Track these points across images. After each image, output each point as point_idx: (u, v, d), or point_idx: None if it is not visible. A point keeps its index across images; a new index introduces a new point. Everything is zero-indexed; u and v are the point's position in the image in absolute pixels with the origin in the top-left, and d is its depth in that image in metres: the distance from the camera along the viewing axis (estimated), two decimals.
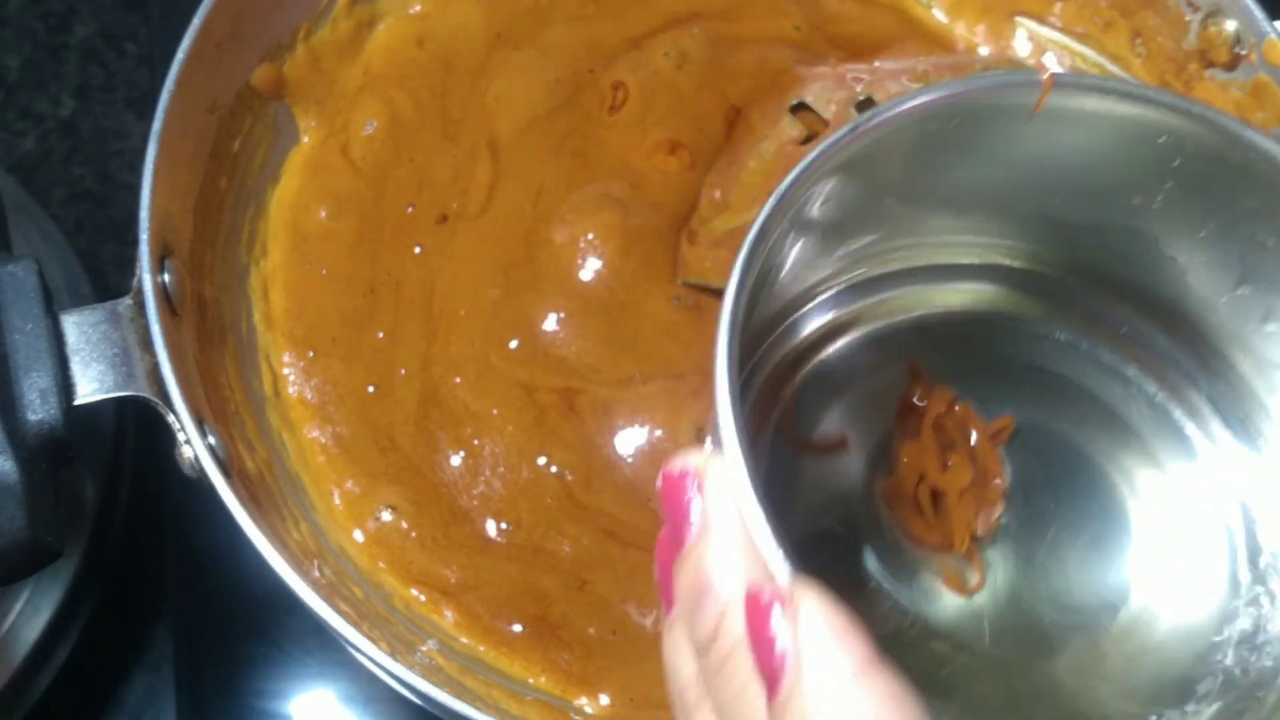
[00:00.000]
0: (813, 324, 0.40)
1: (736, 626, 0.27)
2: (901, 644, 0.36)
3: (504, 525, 0.44)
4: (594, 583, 0.44)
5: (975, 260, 0.40)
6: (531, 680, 0.43)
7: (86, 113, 0.66)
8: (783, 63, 0.50)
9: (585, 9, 0.51)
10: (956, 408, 0.38)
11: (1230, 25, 0.43)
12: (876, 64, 0.50)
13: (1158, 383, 0.39)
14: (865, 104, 0.47)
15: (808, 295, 0.39)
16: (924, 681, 0.35)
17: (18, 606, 0.50)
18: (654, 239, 0.47)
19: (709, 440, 0.31)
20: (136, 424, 0.57)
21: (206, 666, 0.54)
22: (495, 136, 0.49)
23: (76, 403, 0.39)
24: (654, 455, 0.45)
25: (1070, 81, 0.33)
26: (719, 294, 0.46)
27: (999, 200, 0.38)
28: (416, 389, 0.46)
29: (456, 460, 0.45)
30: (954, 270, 0.40)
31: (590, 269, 0.47)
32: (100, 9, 0.68)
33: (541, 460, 0.45)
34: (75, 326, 0.40)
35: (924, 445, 0.38)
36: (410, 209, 0.48)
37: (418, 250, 0.48)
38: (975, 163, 0.36)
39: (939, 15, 0.53)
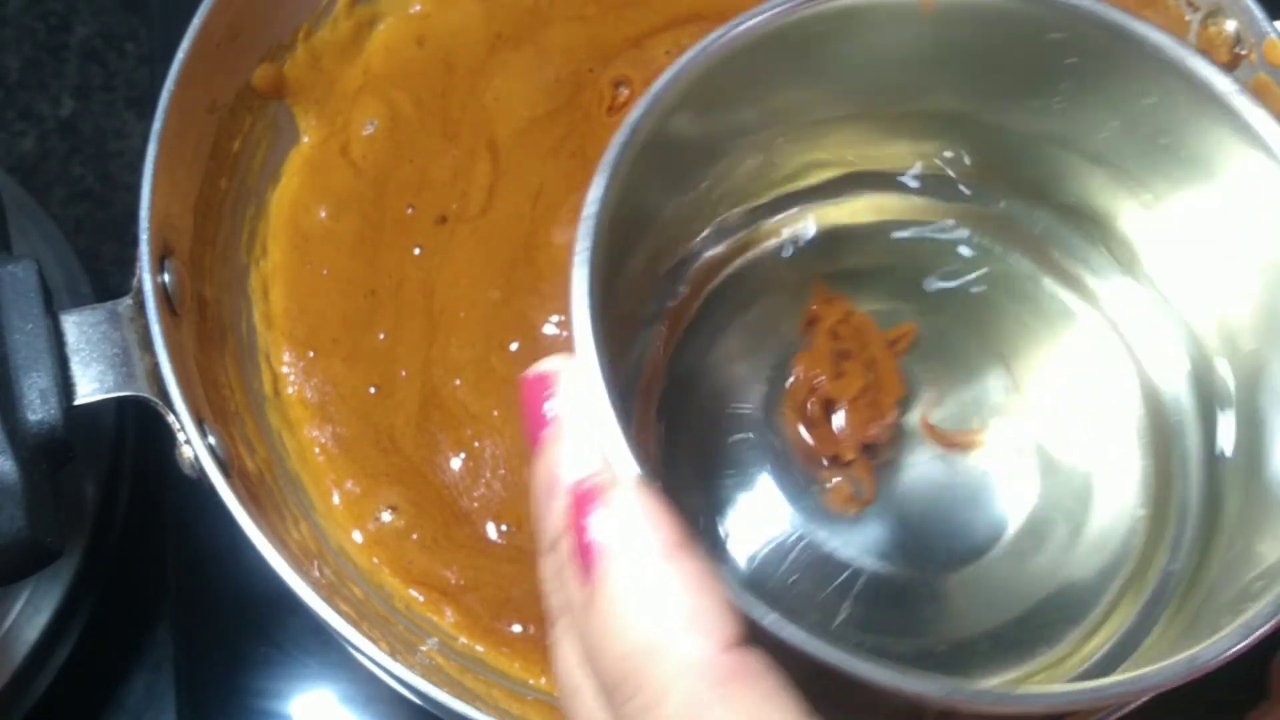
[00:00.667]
0: (717, 244, 0.39)
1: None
2: (792, 561, 0.36)
3: (504, 527, 0.44)
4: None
5: (875, 168, 0.39)
6: (531, 681, 0.43)
7: (86, 113, 0.66)
8: None
9: (586, 9, 0.51)
10: (853, 319, 0.37)
11: (1230, 25, 0.43)
12: None
13: (1068, 287, 0.39)
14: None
15: (707, 215, 0.39)
16: (811, 599, 0.35)
17: (18, 606, 0.50)
18: None
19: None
20: (136, 424, 0.57)
21: (206, 666, 0.54)
22: (495, 137, 0.49)
23: (76, 403, 0.39)
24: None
25: None
26: None
27: (896, 105, 0.37)
28: (417, 390, 0.46)
29: (457, 462, 0.45)
30: (856, 181, 0.39)
31: None
32: (100, 9, 0.68)
33: None
34: (75, 326, 0.40)
35: (817, 354, 0.37)
36: (410, 210, 0.48)
37: (417, 251, 0.48)
38: (870, 66, 0.35)
39: None
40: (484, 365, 0.46)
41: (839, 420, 0.37)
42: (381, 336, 0.47)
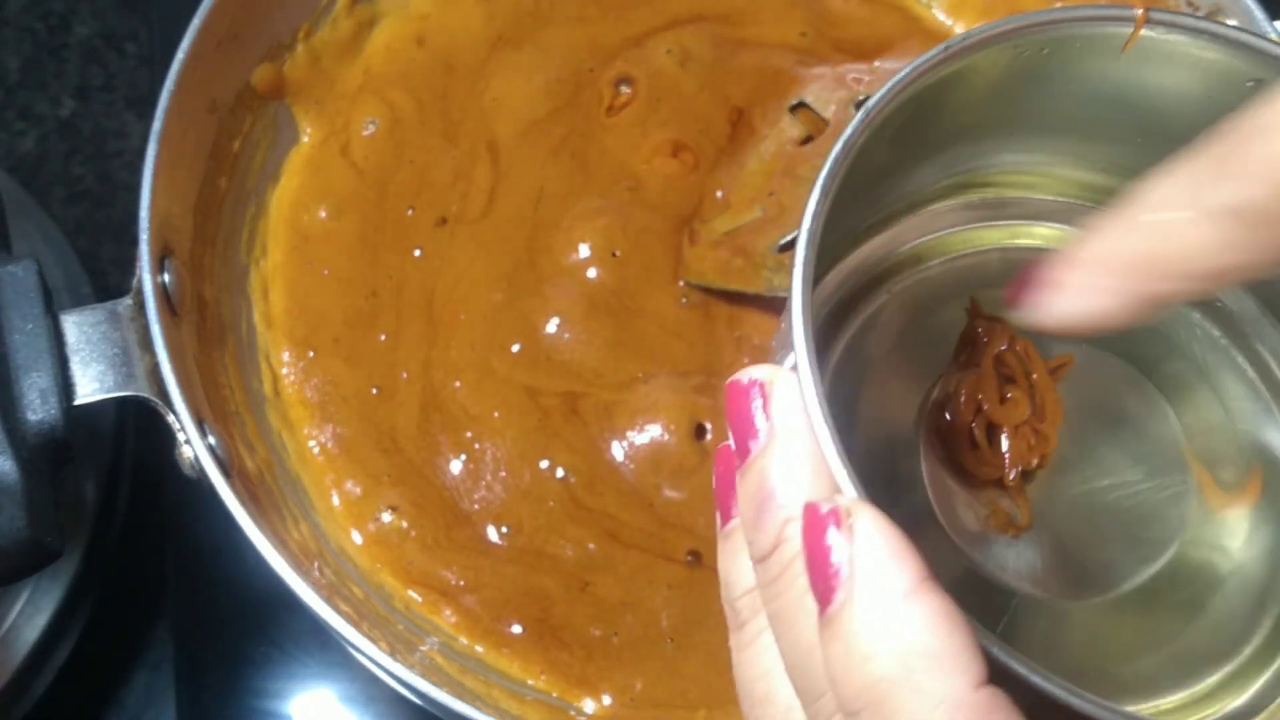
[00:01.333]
0: (885, 251, 0.39)
1: (797, 537, 0.27)
2: (948, 584, 0.36)
3: (504, 529, 0.44)
4: (596, 585, 0.44)
5: (1044, 197, 0.39)
6: (531, 681, 0.43)
7: (86, 113, 0.66)
8: (784, 63, 0.50)
9: (587, 10, 0.51)
10: (1017, 344, 0.38)
11: (1231, 25, 0.43)
12: (876, 64, 0.50)
13: (1220, 327, 0.39)
14: (865, 103, 0.47)
15: (882, 223, 0.39)
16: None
17: (18, 606, 0.50)
18: (655, 241, 0.47)
19: (775, 356, 0.31)
20: (136, 424, 0.57)
21: (206, 666, 0.54)
22: (495, 138, 0.49)
23: (76, 403, 0.39)
24: (657, 455, 0.45)
25: (1164, 19, 0.32)
26: (721, 294, 0.47)
27: (1079, 138, 0.37)
28: (418, 392, 0.46)
29: (458, 463, 0.45)
30: (1025, 206, 0.39)
31: (592, 273, 0.47)
32: (100, 9, 0.68)
33: (544, 464, 0.45)
34: (75, 326, 0.40)
35: (984, 378, 0.37)
36: (410, 211, 0.48)
37: (417, 253, 0.48)
38: (1060, 97, 0.35)
39: (940, 15, 0.53)
40: (484, 367, 0.46)
41: (1003, 444, 0.37)
42: (383, 338, 0.47)
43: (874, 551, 0.26)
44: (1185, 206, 0.26)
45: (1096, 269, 0.28)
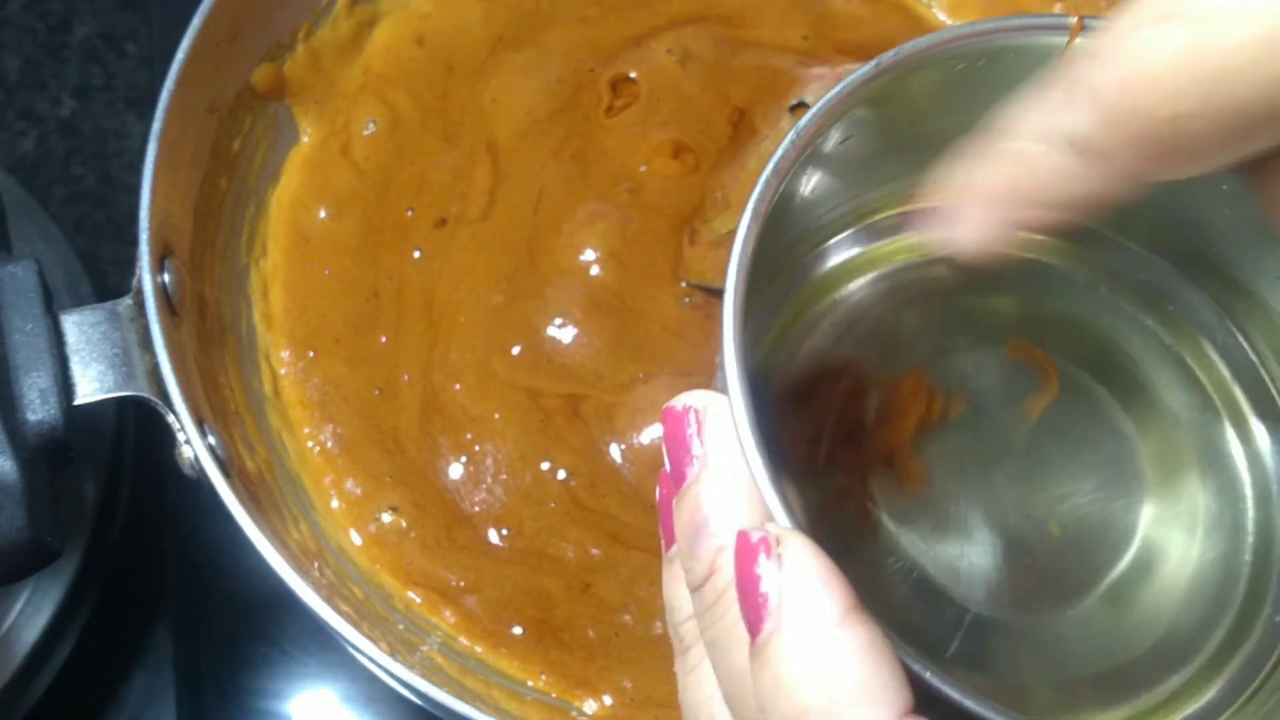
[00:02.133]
0: (827, 264, 0.39)
1: (729, 566, 0.27)
2: (902, 596, 0.36)
3: (505, 531, 0.44)
4: (597, 586, 0.44)
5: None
6: (531, 682, 0.43)
7: (86, 113, 0.66)
8: (784, 64, 0.50)
9: (587, 10, 0.51)
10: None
11: None
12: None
13: (1173, 334, 0.39)
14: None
15: (822, 236, 0.39)
16: (919, 632, 0.35)
17: (18, 606, 0.50)
18: (656, 242, 0.47)
19: (717, 378, 0.31)
20: (136, 424, 0.57)
21: (206, 666, 0.54)
22: (494, 139, 0.49)
23: (76, 403, 0.39)
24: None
25: (1098, 26, 0.32)
26: (721, 294, 0.47)
27: None
28: (419, 394, 0.46)
29: (459, 465, 0.45)
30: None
31: (594, 275, 0.47)
32: (100, 9, 0.68)
33: (545, 465, 0.45)
34: (75, 326, 0.40)
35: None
36: (410, 212, 0.48)
37: (417, 255, 0.48)
38: (999, 105, 0.35)
39: (941, 15, 0.53)
40: (485, 369, 0.46)
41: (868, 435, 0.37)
42: (384, 339, 0.47)
43: (803, 580, 0.26)
44: (1037, 136, 0.27)
45: (969, 198, 0.28)
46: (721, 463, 0.28)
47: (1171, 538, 0.37)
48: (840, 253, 0.39)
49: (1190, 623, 0.36)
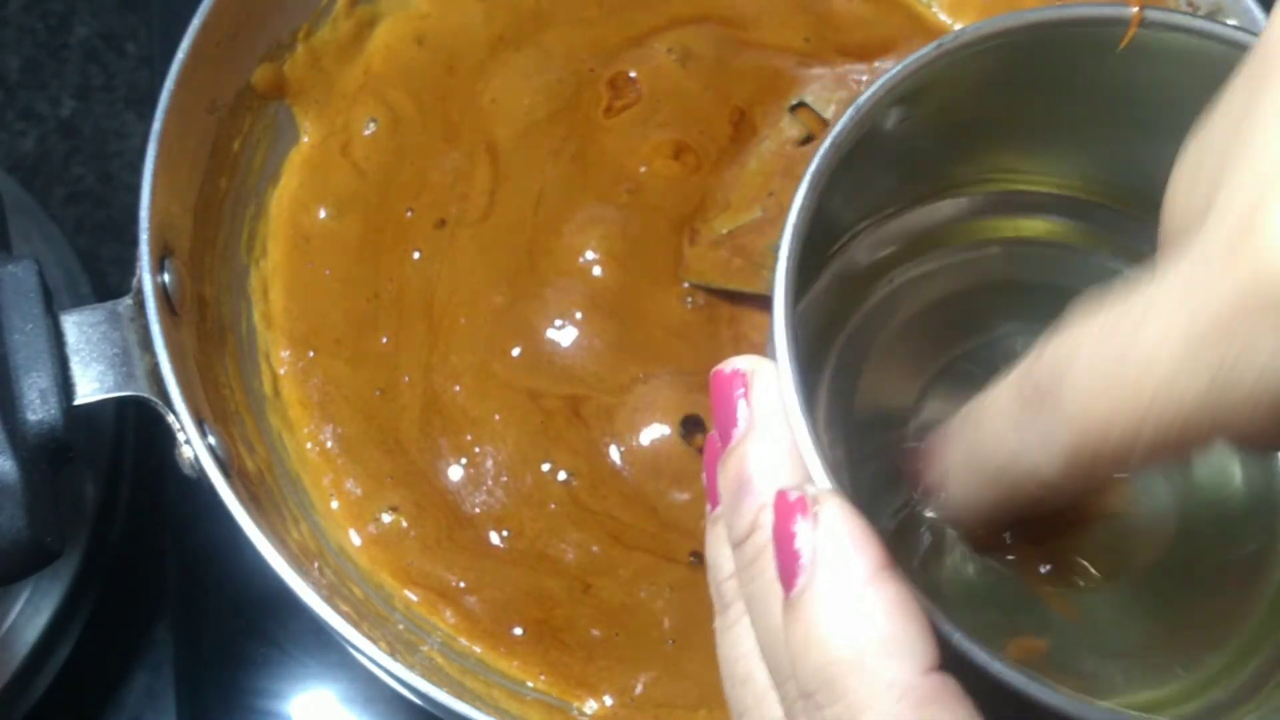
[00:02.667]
0: (884, 244, 0.39)
1: (769, 524, 0.28)
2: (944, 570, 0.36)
3: (506, 532, 0.44)
4: (598, 587, 0.44)
5: (1039, 189, 0.39)
6: (531, 682, 0.43)
7: (86, 113, 0.66)
8: (785, 64, 0.50)
9: (588, 12, 0.51)
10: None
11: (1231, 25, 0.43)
12: (876, 64, 0.50)
13: None
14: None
15: (872, 215, 0.39)
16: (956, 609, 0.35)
17: (18, 606, 0.50)
18: (656, 242, 0.47)
19: (767, 348, 0.31)
20: (136, 424, 0.57)
21: (206, 666, 0.54)
22: (494, 139, 0.49)
23: (76, 403, 0.39)
24: (658, 455, 0.45)
25: (1159, 19, 0.32)
26: (721, 294, 0.47)
27: (1076, 133, 0.37)
28: (419, 395, 0.46)
29: (459, 466, 0.45)
30: (1019, 200, 0.39)
31: (594, 276, 0.47)
32: (100, 9, 0.68)
33: (546, 467, 0.45)
34: (75, 326, 0.40)
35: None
36: (409, 213, 0.48)
37: (417, 256, 0.48)
38: (1056, 94, 0.35)
39: (942, 16, 0.53)
40: (485, 371, 0.46)
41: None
42: (384, 340, 0.47)
43: (836, 539, 0.27)
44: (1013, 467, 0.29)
45: (957, 488, 0.31)
46: (767, 424, 0.29)
47: (1209, 516, 0.37)
48: (886, 239, 0.39)
49: (1226, 608, 0.36)
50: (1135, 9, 0.33)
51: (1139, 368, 0.24)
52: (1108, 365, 0.25)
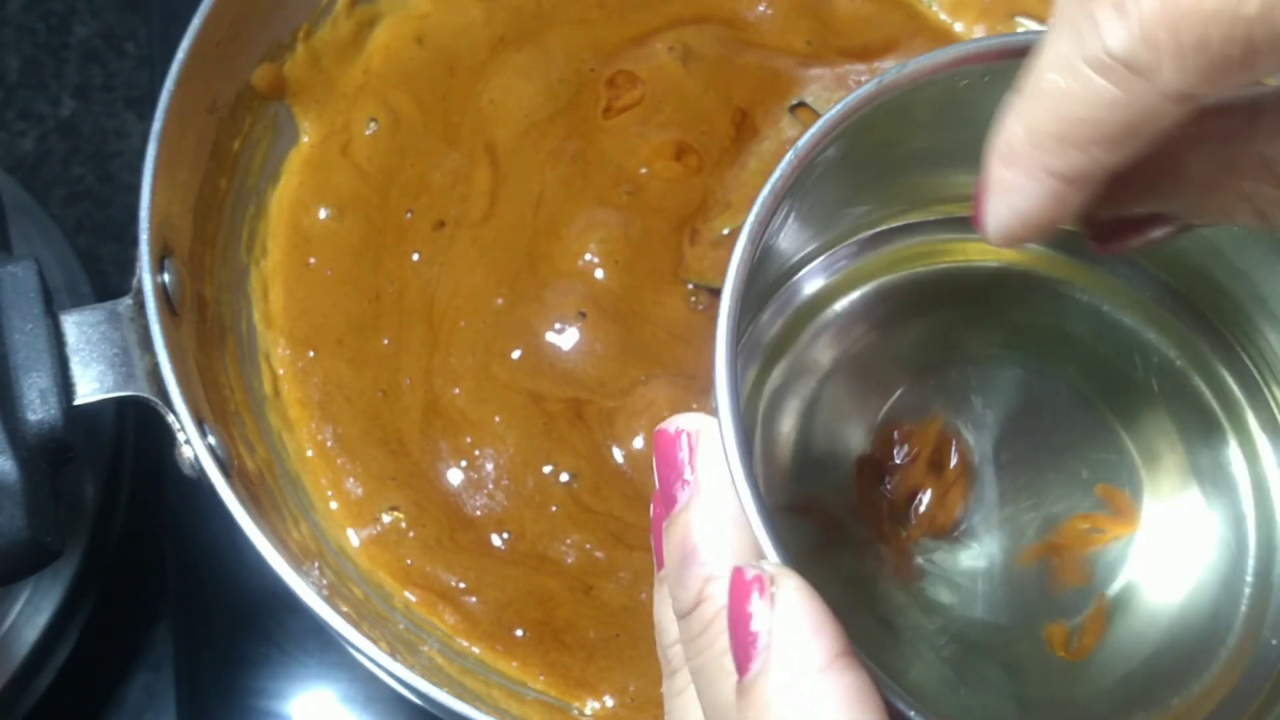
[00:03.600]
0: (824, 276, 0.39)
1: (719, 596, 0.27)
2: (894, 604, 0.36)
3: (506, 535, 0.44)
4: (599, 589, 0.44)
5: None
6: (530, 683, 0.43)
7: (86, 113, 0.66)
8: (785, 64, 0.50)
9: (590, 13, 0.51)
10: (942, 441, 0.37)
11: None
12: (876, 64, 0.50)
13: (1177, 351, 0.38)
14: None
15: (822, 248, 0.39)
16: (899, 646, 0.35)
17: (18, 606, 0.50)
18: (658, 244, 0.47)
19: (711, 401, 0.30)
20: (136, 424, 0.57)
21: (206, 666, 0.54)
22: (494, 140, 0.49)
23: (76, 403, 0.39)
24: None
25: None
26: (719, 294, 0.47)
27: None
28: (420, 398, 0.46)
29: (460, 469, 0.45)
30: (968, 224, 0.39)
31: (595, 278, 0.47)
32: (100, 9, 0.68)
33: (547, 469, 0.45)
34: (75, 326, 0.40)
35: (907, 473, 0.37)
36: (409, 215, 0.48)
37: (416, 257, 0.48)
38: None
39: (942, 16, 0.53)
40: (484, 373, 0.46)
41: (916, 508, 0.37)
42: (386, 342, 0.47)
43: (794, 622, 0.26)
44: (1068, 66, 0.25)
45: (1014, 159, 0.27)
46: (713, 491, 0.28)
47: (1172, 557, 0.37)
48: (837, 267, 0.39)
49: (1189, 642, 0.36)
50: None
51: None
52: None
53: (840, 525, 0.36)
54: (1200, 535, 0.37)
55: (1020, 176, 0.27)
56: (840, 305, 0.38)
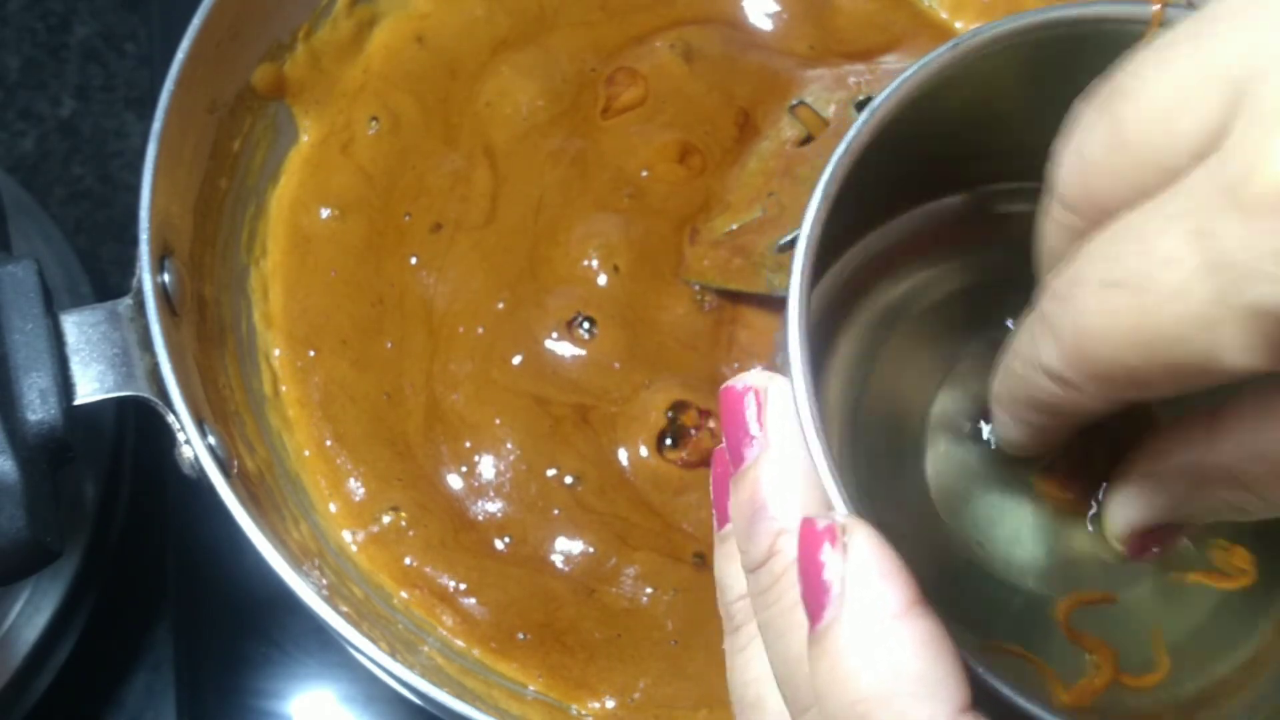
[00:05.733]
0: (891, 244, 0.39)
1: (789, 549, 0.27)
2: (946, 575, 0.36)
3: (508, 539, 0.44)
4: (602, 591, 0.44)
5: None
6: (530, 685, 0.43)
7: (86, 113, 0.66)
8: (785, 64, 0.50)
9: (592, 15, 0.51)
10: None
11: None
12: (876, 63, 0.50)
13: None
14: (865, 103, 0.47)
15: (886, 216, 0.39)
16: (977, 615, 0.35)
17: (18, 606, 0.50)
18: (660, 245, 0.47)
19: (777, 358, 0.31)
20: (136, 424, 0.57)
21: (206, 666, 0.54)
22: (494, 142, 0.49)
23: (76, 403, 0.39)
24: (661, 458, 0.45)
25: (1180, 15, 0.32)
26: (722, 294, 0.47)
27: None
28: (423, 403, 0.46)
29: (462, 472, 0.45)
30: (1030, 195, 0.39)
31: (597, 282, 0.47)
32: (100, 9, 0.68)
33: (551, 472, 0.45)
34: (75, 326, 0.40)
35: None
36: (407, 217, 0.48)
37: (414, 261, 0.47)
38: (1071, 93, 0.35)
39: (943, 15, 0.53)
40: (484, 378, 0.46)
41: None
42: (389, 345, 0.47)
43: (867, 571, 0.26)
44: (1024, 360, 0.28)
45: (998, 403, 0.31)
46: (782, 445, 0.29)
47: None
48: (905, 234, 0.39)
49: (1234, 619, 0.36)
50: (1156, 6, 0.32)
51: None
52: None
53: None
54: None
55: (1005, 415, 0.31)
56: (914, 268, 0.38)
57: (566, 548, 0.44)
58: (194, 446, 0.39)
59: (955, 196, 0.39)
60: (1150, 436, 0.31)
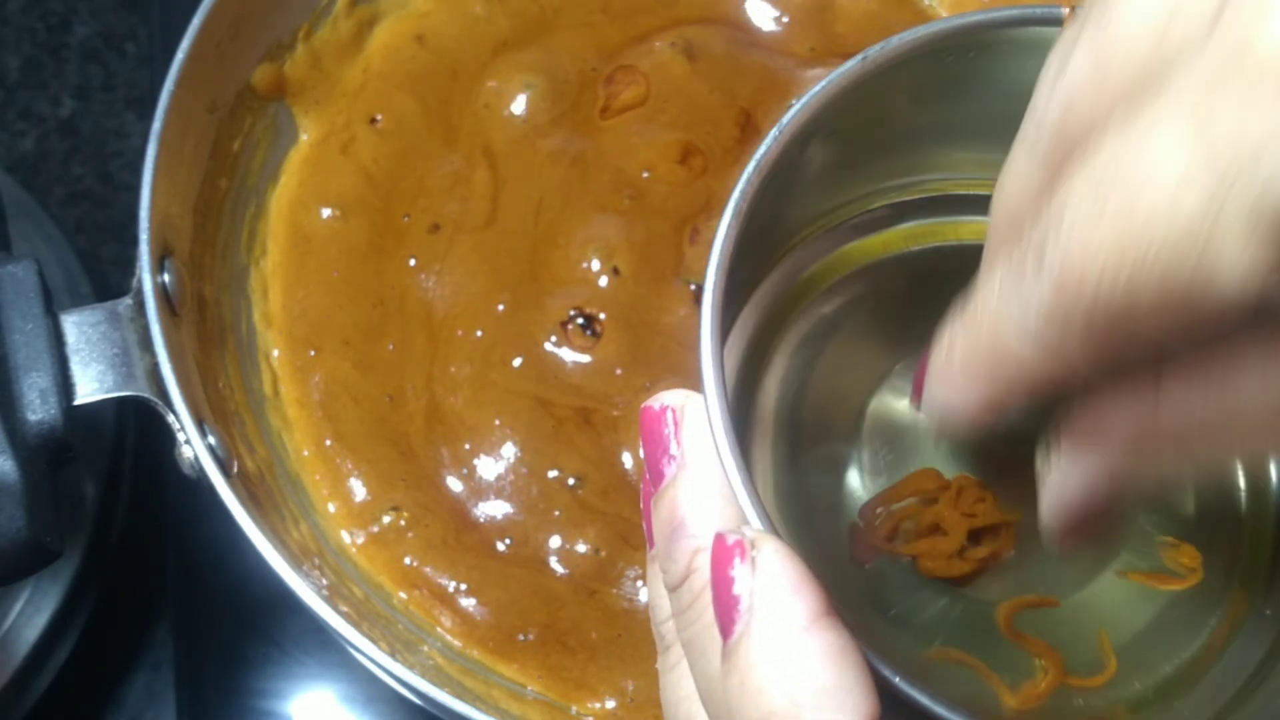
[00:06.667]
0: (816, 258, 0.39)
1: (706, 568, 0.27)
2: (878, 586, 0.36)
3: (509, 540, 0.44)
4: (603, 592, 0.44)
5: (977, 191, 0.39)
6: (530, 686, 0.43)
7: (86, 113, 0.66)
8: (786, 64, 0.50)
9: (592, 17, 0.51)
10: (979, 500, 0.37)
11: None
12: None
13: None
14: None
15: (806, 233, 0.39)
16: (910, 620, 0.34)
17: (18, 606, 0.50)
18: (662, 248, 0.47)
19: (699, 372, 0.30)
20: (136, 424, 0.57)
21: (206, 666, 0.54)
22: (494, 143, 0.49)
23: (76, 403, 0.39)
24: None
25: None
26: None
27: (1008, 132, 0.37)
28: (424, 405, 0.46)
29: (461, 474, 0.45)
30: (956, 202, 0.39)
31: (598, 284, 0.47)
32: (100, 9, 0.68)
33: (553, 474, 0.45)
34: (75, 326, 0.40)
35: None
36: (406, 218, 0.48)
37: (413, 262, 0.47)
38: (990, 96, 0.35)
39: (942, 14, 0.53)
40: (484, 380, 0.46)
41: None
42: (390, 347, 0.46)
43: (775, 584, 0.26)
44: (994, 317, 0.25)
45: (944, 371, 0.27)
46: (699, 463, 0.29)
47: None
48: (825, 249, 0.39)
49: (1184, 618, 0.36)
50: (1067, 9, 0.32)
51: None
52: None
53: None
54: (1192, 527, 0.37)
55: (945, 390, 0.28)
56: (832, 286, 0.38)
57: (568, 548, 0.44)
58: (194, 446, 0.39)
59: (881, 205, 0.39)
60: (1090, 396, 0.28)
